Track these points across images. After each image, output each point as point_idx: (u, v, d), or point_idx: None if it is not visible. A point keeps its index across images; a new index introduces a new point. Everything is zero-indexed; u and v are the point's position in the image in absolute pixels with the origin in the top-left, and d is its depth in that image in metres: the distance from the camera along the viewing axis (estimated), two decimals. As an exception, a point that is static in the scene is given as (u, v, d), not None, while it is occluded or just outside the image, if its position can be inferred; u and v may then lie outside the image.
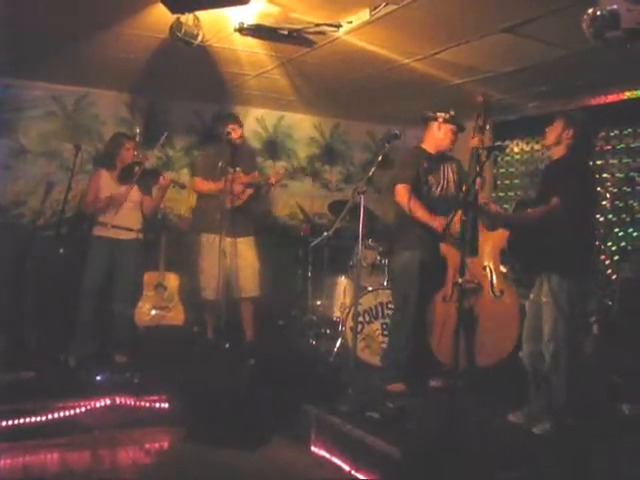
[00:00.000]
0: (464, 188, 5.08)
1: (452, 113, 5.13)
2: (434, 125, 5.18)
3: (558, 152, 4.28)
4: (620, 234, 6.06)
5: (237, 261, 5.99)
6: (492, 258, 4.82)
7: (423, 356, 4.97)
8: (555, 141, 4.27)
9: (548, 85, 5.99)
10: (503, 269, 4.92)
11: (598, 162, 6.29)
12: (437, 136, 5.18)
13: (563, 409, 4.09)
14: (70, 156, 5.91)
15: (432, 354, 4.92)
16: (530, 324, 4.34)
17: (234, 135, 5.93)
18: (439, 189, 5.16)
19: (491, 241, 4.81)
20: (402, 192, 5.07)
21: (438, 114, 5.14)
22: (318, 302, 6.64)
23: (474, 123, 4.96)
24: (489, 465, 3.61)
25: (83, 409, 4.53)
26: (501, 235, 4.76)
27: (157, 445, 4.57)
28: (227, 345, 5.53)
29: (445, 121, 5.12)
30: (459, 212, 4.14)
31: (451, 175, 5.24)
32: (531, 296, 4.38)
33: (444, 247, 4.94)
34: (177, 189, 6.19)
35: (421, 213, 4.98)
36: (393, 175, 5.24)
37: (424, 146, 5.25)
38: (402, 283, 5.15)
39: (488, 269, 4.80)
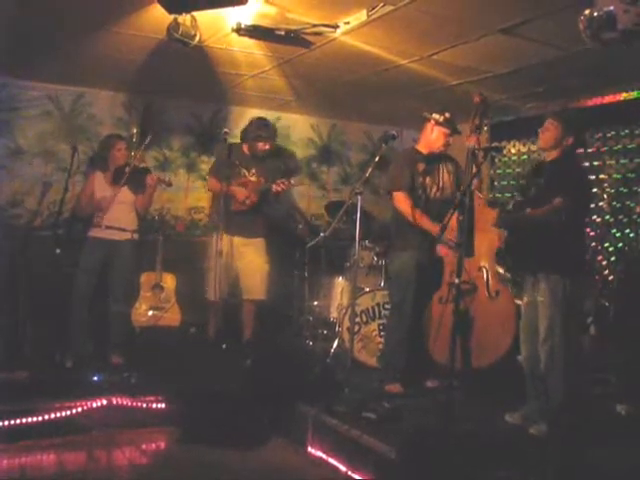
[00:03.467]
0: (461, 188, 5.09)
1: (447, 115, 5.04)
2: (428, 126, 5.12)
3: (553, 154, 4.27)
4: (617, 235, 6.06)
5: (245, 263, 6.00)
6: (488, 258, 4.81)
7: (420, 357, 4.96)
8: (553, 145, 4.25)
9: (545, 86, 5.99)
10: (499, 269, 4.92)
11: (595, 163, 6.29)
12: (430, 138, 5.12)
13: (559, 409, 4.10)
14: (67, 156, 5.90)
15: (428, 355, 4.90)
16: (527, 326, 4.34)
17: (261, 146, 5.97)
18: (435, 191, 5.14)
19: (487, 241, 4.79)
20: (402, 200, 5.03)
21: (432, 115, 5.06)
22: (315, 303, 6.64)
23: (470, 123, 4.90)
24: (485, 465, 3.60)
25: (79, 409, 4.52)
26: (497, 235, 4.73)
27: (153, 445, 4.56)
28: (224, 346, 5.53)
29: (437, 124, 5.05)
30: (454, 215, 4.13)
31: (447, 176, 5.21)
32: (525, 298, 4.38)
33: (441, 248, 4.93)
34: (175, 189, 6.21)
35: (425, 222, 4.93)
36: (389, 178, 5.19)
37: (418, 147, 5.21)
38: (399, 285, 5.13)
39: (484, 270, 4.79)
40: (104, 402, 4.62)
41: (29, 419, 4.34)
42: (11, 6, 4.44)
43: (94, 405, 4.58)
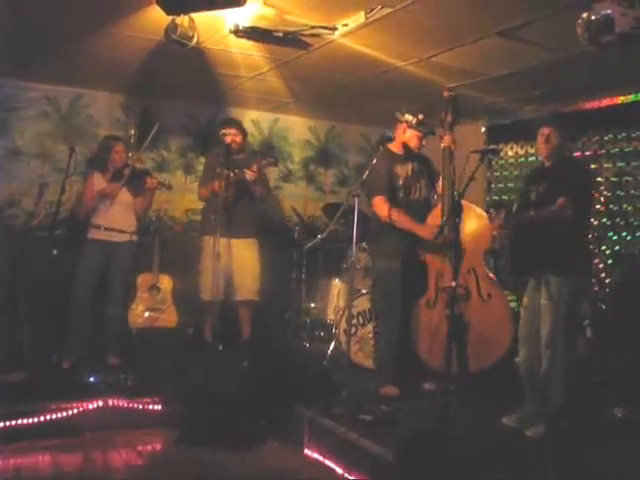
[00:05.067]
0: (438, 186, 5.06)
1: (420, 117, 4.94)
2: (400, 127, 5.05)
3: (553, 161, 4.30)
4: (614, 238, 6.07)
5: (236, 263, 5.99)
6: (477, 261, 4.75)
7: (415, 360, 4.95)
8: (555, 154, 4.27)
9: (542, 89, 6.00)
10: (488, 272, 4.86)
11: (592, 166, 6.29)
12: (403, 138, 5.06)
13: (558, 412, 4.09)
14: (64, 157, 5.87)
15: (419, 360, 4.87)
16: (526, 328, 4.33)
17: (229, 140, 5.99)
18: (414, 192, 5.09)
19: (474, 244, 4.73)
20: (381, 204, 4.96)
21: (405, 117, 4.97)
22: (312, 305, 6.65)
23: (443, 120, 4.85)
24: (482, 468, 3.60)
25: (76, 411, 4.52)
26: (484, 237, 4.70)
27: (150, 447, 4.56)
28: (220, 347, 5.53)
29: (410, 126, 4.98)
30: (435, 217, 4.10)
31: (423, 176, 5.14)
32: (525, 300, 4.37)
33: (424, 252, 4.87)
34: (172, 190, 6.22)
35: (407, 223, 4.88)
36: (368, 183, 4.95)
37: (392, 147, 5.12)
38: (382, 292, 5.10)
39: (473, 272, 4.74)
40: (100, 403, 4.61)
41: (25, 420, 4.33)
42: (9, 6, 4.44)
43: (90, 406, 4.57)
